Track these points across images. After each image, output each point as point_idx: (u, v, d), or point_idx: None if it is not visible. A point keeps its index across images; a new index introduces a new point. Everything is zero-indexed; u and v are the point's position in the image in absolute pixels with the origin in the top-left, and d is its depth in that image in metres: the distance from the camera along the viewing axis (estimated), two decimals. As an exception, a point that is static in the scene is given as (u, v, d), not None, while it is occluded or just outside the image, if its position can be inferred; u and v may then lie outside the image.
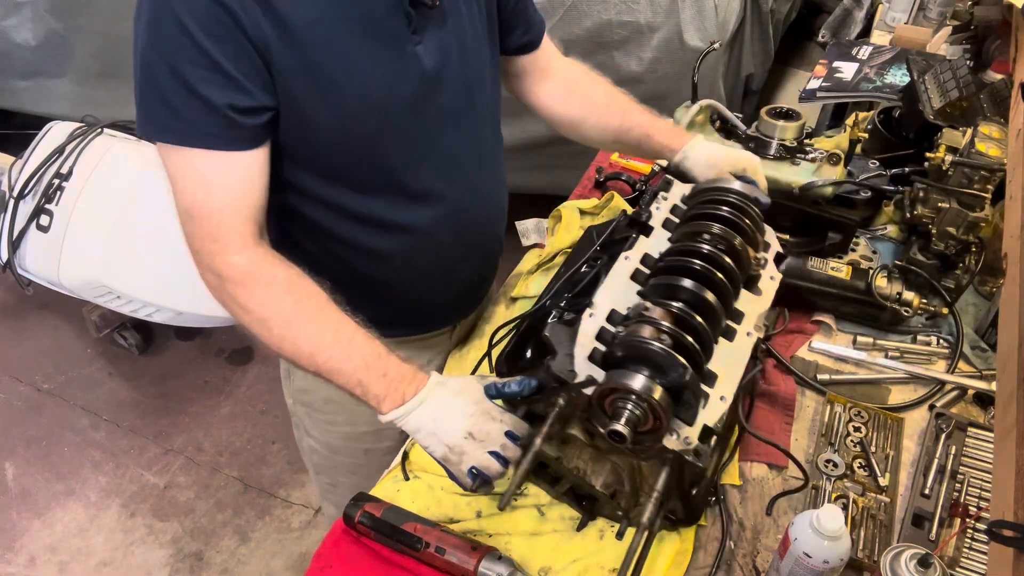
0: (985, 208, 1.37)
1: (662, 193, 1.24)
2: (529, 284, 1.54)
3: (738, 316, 1.09)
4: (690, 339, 0.96)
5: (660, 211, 1.20)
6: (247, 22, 0.94)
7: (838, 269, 1.45)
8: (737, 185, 1.20)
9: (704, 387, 0.98)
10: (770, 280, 1.16)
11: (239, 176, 1.01)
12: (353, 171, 1.13)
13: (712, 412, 0.97)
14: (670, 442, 0.95)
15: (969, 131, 1.42)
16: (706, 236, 1.10)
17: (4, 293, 3.23)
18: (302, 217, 1.17)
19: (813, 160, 1.51)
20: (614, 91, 1.45)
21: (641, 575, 1.07)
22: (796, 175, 1.50)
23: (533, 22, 1.34)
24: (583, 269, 1.20)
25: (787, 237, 1.55)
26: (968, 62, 1.69)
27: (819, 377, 1.38)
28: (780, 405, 1.33)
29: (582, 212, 1.68)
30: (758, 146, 1.54)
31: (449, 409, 1.00)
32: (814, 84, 2.16)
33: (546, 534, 1.14)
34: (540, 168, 2.99)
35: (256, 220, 1.04)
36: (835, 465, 1.23)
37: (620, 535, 1.00)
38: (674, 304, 1.00)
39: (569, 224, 1.65)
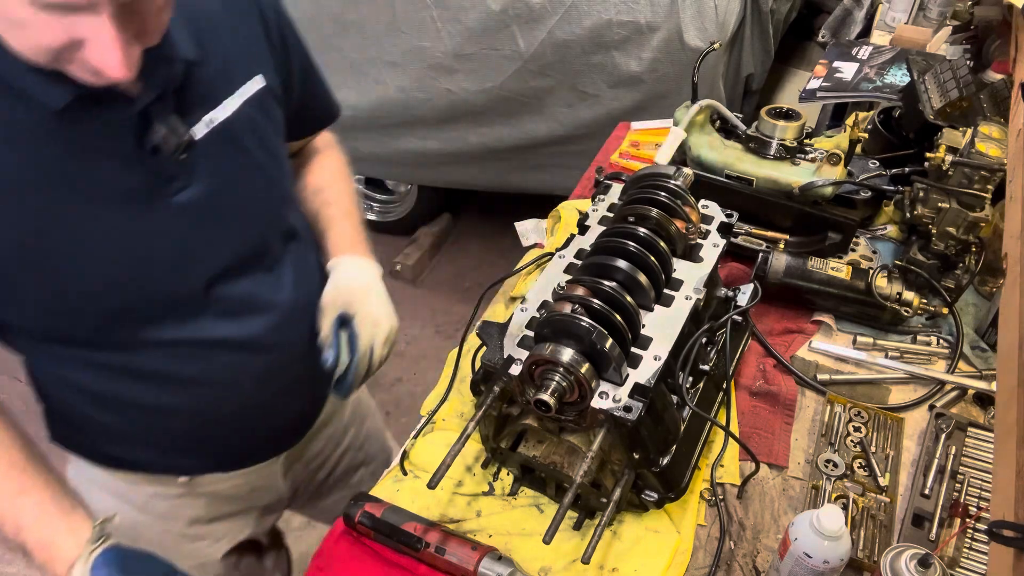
0: (985, 208, 1.37)
1: (599, 196, 1.33)
2: (528, 284, 1.54)
3: (676, 284, 1.16)
4: (598, 303, 1.02)
5: (597, 212, 1.28)
6: None
7: (838, 269, 1.45)
8: (659, 170, 1.26)
9: (636, 349, 1.05)
10: (713, 247, 1.22)
11: None
12: (107, 340, 0.98)
13: (644, 370, 1.02)
14: (598, 403, 0.99)
15: (969, 131, 1.42)
16: (629, 218, 1.19)
17: (4, 293, 3.23)
18: (64, 381, 1.03)
19: (813, 160, 1.52)
20: (333, 179, 1.29)
21: (636, 569, 1.08)
22: (796, 175, 1.50)
23: (321, 114, 1.25)
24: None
25: (787, 237, 1.55)
26: (968, 62, 1.69)
27: (819, 377, 1.38)
28: (780, 405, 1.33)
29: (582, 212, 1.68)
30: (758, 146, 1.55)
31: None
32: (814, 84, 2.16)
33: (546, 534, 1.14)
34: (540, 168, 2.99)
35: None
36: (835, 465, 1.23)
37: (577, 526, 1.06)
38: (586, 278, 1.08)
39: (569, 224, 1.65)
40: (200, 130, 0.94)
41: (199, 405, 1.07)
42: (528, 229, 1.75)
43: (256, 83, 1.01)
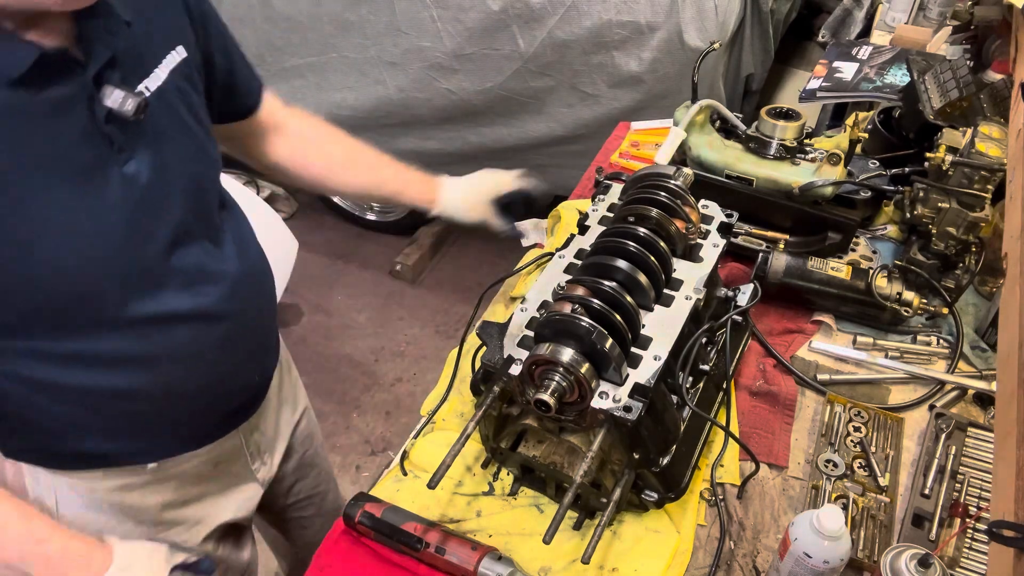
0: (985, 208, 1.37)
1: (599, 196, 1.32)
2: (528, 284, 1.54)
3: (676, 284, 1.16)
4: (598, 303, 1.02)
5: (597, 212, 1.28)
6: None
7: (838, 269, 1.45)
8: (659, 170, 1.25)
9: (636, 349, 1.05)
10: (713, 247, 1.22)
11: None
12: (70, 322, 0.95)
13: (644, 370, 1.02)
14: (598, 403, 0.99)
15: (969, 131, 1.42)
16: (629, 218, 1.19)
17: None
18: (18, 381, 0.98)
19: (813, 160, 1.52)
20: (355, 146, 1.36)
21: (636, 570, 1.08)
22: (796, 175, 1.50)
23: (250, 84, 1.24)
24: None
25: (787, 237, 1.55)
26: (968, 62, 1.69)
27: (819, 377, 1.38)
28: (780, 405, 1.33)
29: (582, 212, 1.68)
30: (758, 146, 1.54)
31: None
32: (814, 84, 2.16)
33: (546, 534, 1.14)
34: (540, 168, 2.99)
35: None
36: (835, 465, 1.23)
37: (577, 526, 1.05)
38: (586, 278, 1.07)
39: (569, 224, 1.65)
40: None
41: (162, 384, 1.06)
42: (528, 228, 1.75)
43: (179, 54, 1.01)
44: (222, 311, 1.07)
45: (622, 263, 1.09)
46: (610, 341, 0.98)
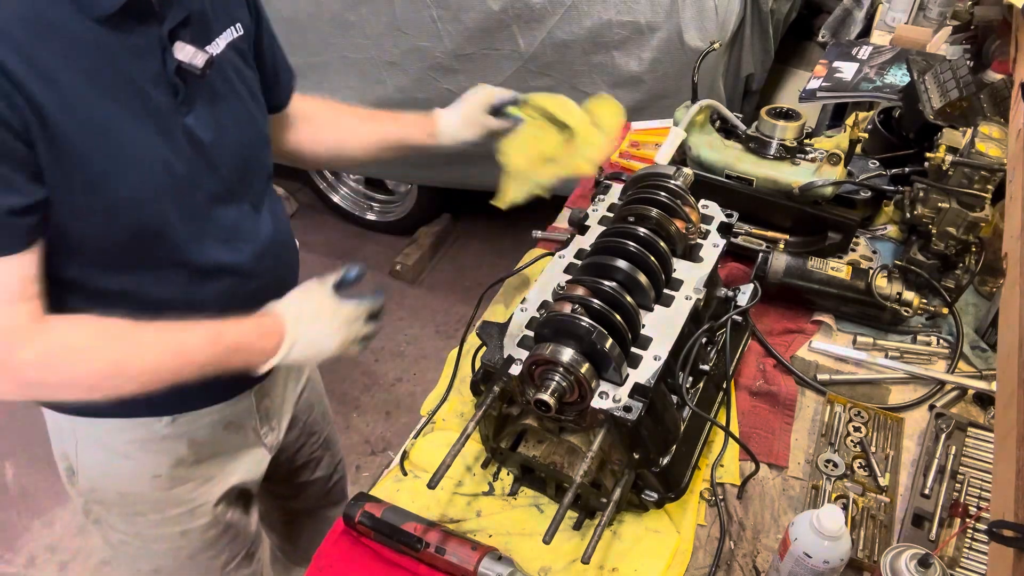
0: (985, 208, 1.37)
1: (599, 196, 1.32)
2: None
3: (676, 284, 1.16)
4: (598, 303, 1.02)
5: (597, 212, 1.28)
6: (6, 113, 0.83)
7: (838, 269, 1.45)
8: (659, 170, 1.25)
9: (636, 349, 1.05)
10: (713, 247, 1.23)
11: (16, 279, 0.91)
12: (128, 257, 1.03)
13: (644, 370, 1.02)
14: (598, 403, 0.99)
15: (969, 131, 1.42)
16: (629, 218, 1.19)
17: (4, 293, 3.23)
18: (74, 311, 1.04)
19: (813, 160, 1.52)
20: (353, 111, 1.43)
21: (636, 570, 1.08)
22: (796, 175, 1.50)
23: (289, 80, 1.32)
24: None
25: (787, 237, 1.55)
26: (968, 62, 1.69)
27: (819, 377, 1.38)
28: (780, 405, 1.33)
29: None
30: (758, 146, 1.54)
31: (316, 338, 1.10)
32: (814, 84, 2.16)
33: (546, 534, 1.14)
34: (540, 168, 2.99)
35: (35, 312, 0.94)
36: (835, 465, 1.23)
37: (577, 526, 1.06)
38: (586, 278, 1.07)
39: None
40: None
41: None
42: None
43: (237, 30, 1.10)
44: (253, 269, 1.15)
45: (622, 263, 1.09)
46: (610, 341, 0.98)
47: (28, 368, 0.94)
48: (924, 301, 1.41)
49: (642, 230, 1.13)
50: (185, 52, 0.97)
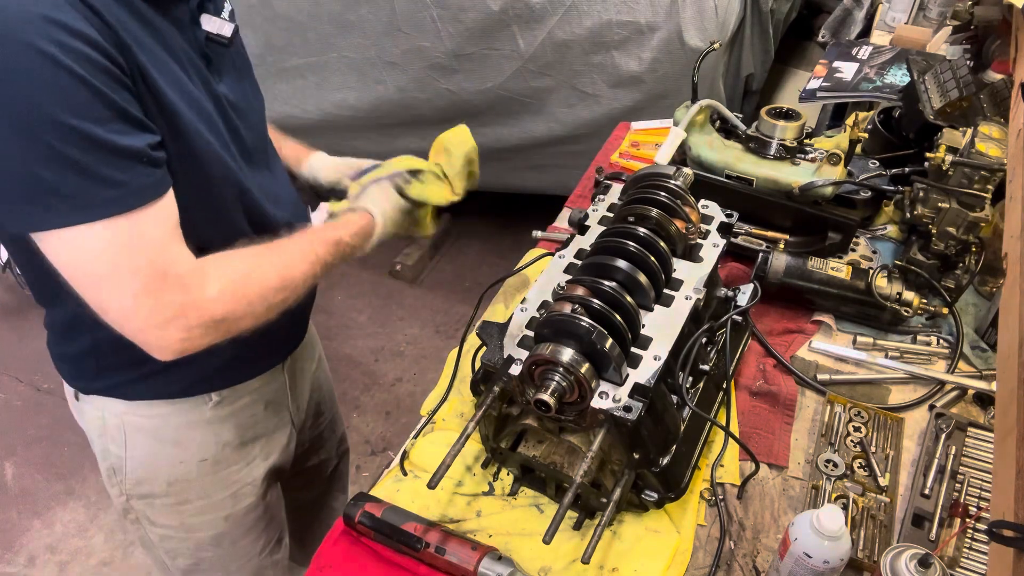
0: (985, 208, 1.37)
1: (599, 196, 1.32)
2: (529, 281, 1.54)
3: (676, 284, 1.16)
4: (598, 303, 1.02)
5: (597, 212, 1.28)
6: (124, 65, 0.87)
7: (838, 269, 1.45)
8: (659, 170, 1.26)
9: (636, 349, 1.05)
10: (713, 247, 1.22)
11: (176, 218, 0.95)
12: (222, 223, 1.09)
13: (644, 370, 1.02)
14: (598, 403, 0.99)
15: (969, 131, 1.42)
16: (629, 218, 1.19)
17: (4, 293, 3.23)
18: None
19: (813, 160, 1.52)
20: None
21: (636, 570, 1.08)
22: (796, 175, 1.50)
23: None
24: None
25: (787, 237, 1.55)
26: (968, 62, 1.69)
27: (819, 377, 1.38)
28: (780, 405, 1.33)
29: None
30: (758, 146, 1.55)
31: (393, 218, 1.24)
32: (814, 84, 2.16)
33: (546, 534, 1.14)
34: (540, 168, 2.99)
35: (192, 251, 0.97)
36: (835, 465, 1.23)
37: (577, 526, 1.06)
38: (586, 278, 1.07)
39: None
40: None
41: None
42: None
43: (231, 4, 1.16)
44: (293, 227, 1.18)
45: (622, 263, 1.09)
46: (610, 341, 0.98)
47: (215, 304, 0.95)
48: (924, 301, 1.41)
49: (642, 230, 1.13)
50: (213, 23, 1.05)
